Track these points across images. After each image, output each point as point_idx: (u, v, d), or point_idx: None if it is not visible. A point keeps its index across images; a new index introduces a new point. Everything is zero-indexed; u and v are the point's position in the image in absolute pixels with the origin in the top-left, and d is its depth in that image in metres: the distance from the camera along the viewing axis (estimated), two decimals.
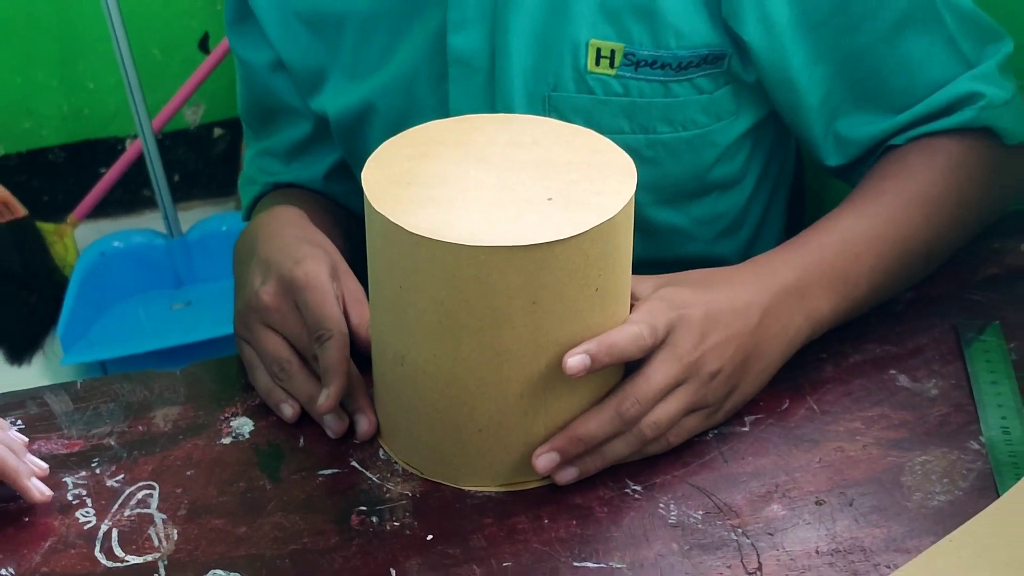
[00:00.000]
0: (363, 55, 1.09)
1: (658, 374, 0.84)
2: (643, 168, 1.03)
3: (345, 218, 1.20)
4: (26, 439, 0.89)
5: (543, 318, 0.81)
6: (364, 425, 0.90)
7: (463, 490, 0.87)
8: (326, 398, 0.87)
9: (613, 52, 1.01)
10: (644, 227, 1.07)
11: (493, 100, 1.05)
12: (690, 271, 0.93)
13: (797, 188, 1.32)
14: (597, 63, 1.02)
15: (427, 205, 0.80)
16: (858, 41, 1.01)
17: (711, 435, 0.90)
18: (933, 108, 1.01)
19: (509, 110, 1.03)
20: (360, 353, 0.92)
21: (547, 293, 0.80)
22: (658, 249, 1.11)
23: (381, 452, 0.90)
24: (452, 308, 0.81)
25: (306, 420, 0.93)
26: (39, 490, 0.84)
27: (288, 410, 0.91)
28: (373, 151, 0.87)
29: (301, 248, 0.95)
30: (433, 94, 1.07)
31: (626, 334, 0.83)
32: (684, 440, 0.88)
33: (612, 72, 1.02)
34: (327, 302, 0.89)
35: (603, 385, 0.86)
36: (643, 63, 1.01)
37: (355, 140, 1.13)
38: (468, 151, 0.86)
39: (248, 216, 1.24)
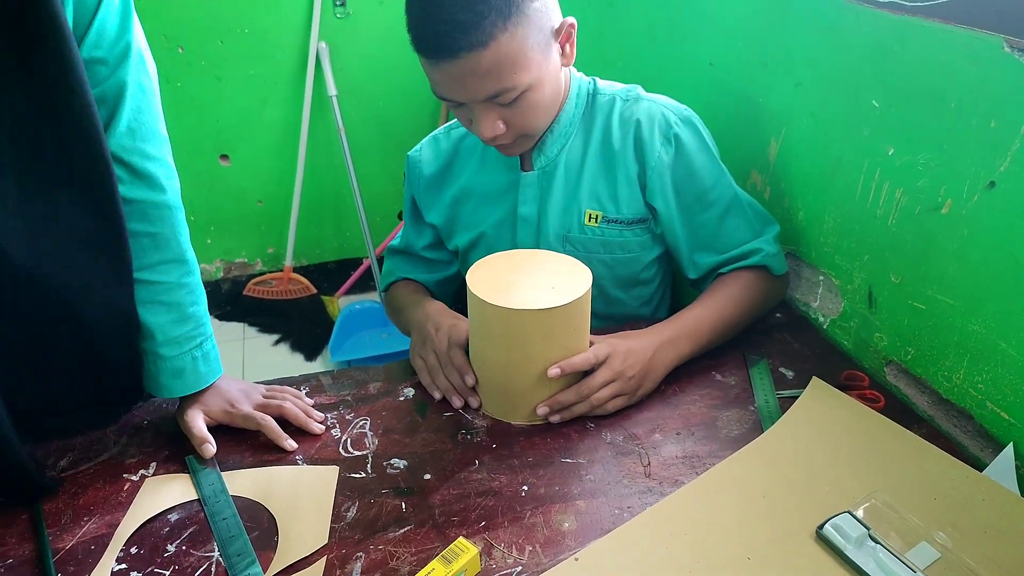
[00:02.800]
0: (475, 215, 1.07)
1: (600, 376, 0.84)
2: (608, 270, 1.03)
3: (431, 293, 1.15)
4: (311, 401, 0.89)
5: (549, 343, 0.80)
6: (475, 403, 0.87)
7: (511, 424, 0.85)
8: (461, 395, 0.88)
9: (597, 216, 1.00)
10: (607, 299, 1.07)
11: (538, 238, 1.03)
12: (624, 331, 0.91)
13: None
14: (589, 220, 1.00)
15: (495, 290, 0.80)
16: (704, 219, 1.00)
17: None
18: (739, 254, 0.99)
19: (547, 242, 1.02)
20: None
21: (550, 331, 0.80)
22: (613, 309, 1.08)
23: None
24: (506, 338, 0.81)
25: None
26: (318, 429, 0.84)
27: (437, 394, 0.89)
28: (474, 263, 0.86)
29: (449, 317, 0.94)
30: (508, 234, 1.05)
31: (580, 359, 0.83)
32: (615, 410, 0.86)
33: (596, 225, 1.00)
34: (462, 345, 0.89)
35: (572, 380, 0.84)
36: (611, 221, 1.00)
37: (467, 257, 1.11)
38: (515, 267, 0.86)
39: (385, 288, 1.18)
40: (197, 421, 0.82)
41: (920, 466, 0.76)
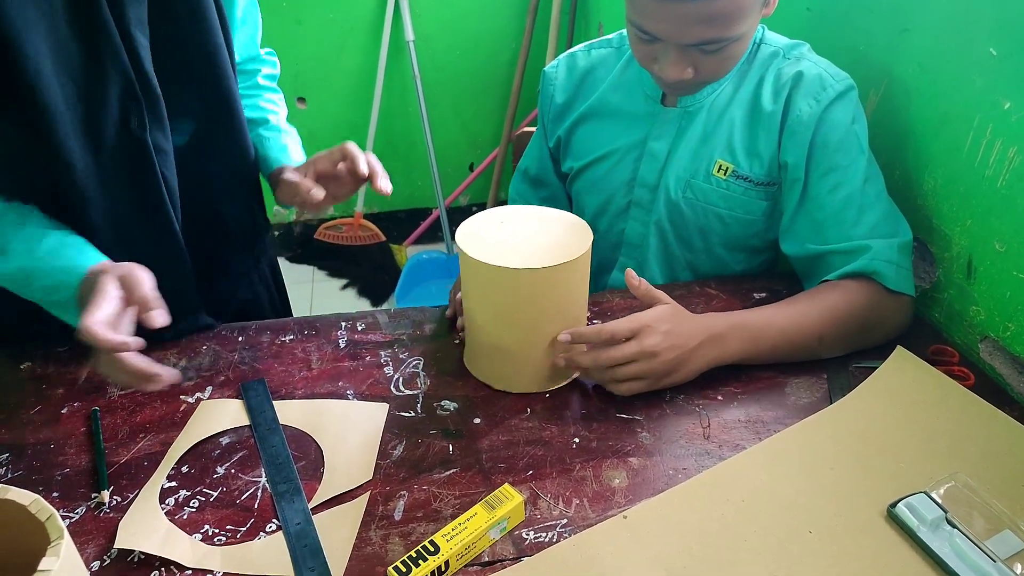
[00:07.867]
0: (599, 136, 1.02)
1: (623, 349, 0.75)
2: (723, 227, 0.98)
3: None
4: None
5: (537, 306, 0.75)
6: None
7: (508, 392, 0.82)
8: None
9: (728, 168, 0.94)
10: (712, 256, 1.02)
11: (661, 176, 0.98)
12: (682, 309, 0.80)
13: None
14: (718, 171, 0.94)
15: (489, 248, 0.75)
16: (823, 198, 0.89)
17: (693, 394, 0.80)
18: (843, 249, 0.87)
19: (667, 183, 0.97)
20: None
21: (537, 293, 0.74)
22: (719, 268, 1.03)
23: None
24: (499, 301, 0.76)
25: None
26: (386, 187, 0.87)
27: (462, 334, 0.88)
28: (583, 190, 0.84)
29: None
30: (631, 165, 1.00)
31: (591, 330, 0.76)
32: (635, 393, 0.77)
33: (724, 177, 0.94)
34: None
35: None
36: (740, 177, 0.94)
37: (580, 178, 1.05)
38: (512, 222, 0.80)
39: None
40: (296, 175, 0.88)
41: (1009, 449, 0.70)
